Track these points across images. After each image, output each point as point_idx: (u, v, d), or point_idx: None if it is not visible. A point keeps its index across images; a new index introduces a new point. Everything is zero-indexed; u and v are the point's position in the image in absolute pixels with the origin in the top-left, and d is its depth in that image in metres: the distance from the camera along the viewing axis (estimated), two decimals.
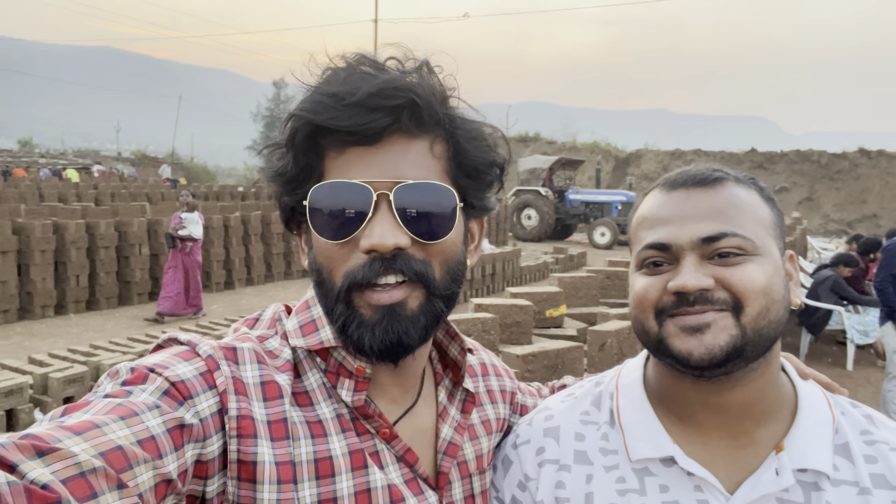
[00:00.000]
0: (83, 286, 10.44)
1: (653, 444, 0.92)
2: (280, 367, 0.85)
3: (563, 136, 41.49)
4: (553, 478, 0.97)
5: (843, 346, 8.53)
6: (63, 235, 10.19)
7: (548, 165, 23.21)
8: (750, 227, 0.89)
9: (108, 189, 19.54)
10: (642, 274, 0.92)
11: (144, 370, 0.75)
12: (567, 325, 4.09)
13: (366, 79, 0.81)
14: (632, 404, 0.97)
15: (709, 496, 0.88)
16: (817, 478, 0.87)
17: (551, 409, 1.05)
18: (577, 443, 0.98)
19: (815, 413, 0.91)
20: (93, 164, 37.92)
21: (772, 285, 0.87)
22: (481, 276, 11.62)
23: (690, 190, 0.92)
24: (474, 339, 3.11)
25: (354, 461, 0.85)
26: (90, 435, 0.63)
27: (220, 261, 12.42)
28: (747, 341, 0.85)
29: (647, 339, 0.92)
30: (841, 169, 32.23)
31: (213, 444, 0.76)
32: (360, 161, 0.82)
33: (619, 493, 0.93)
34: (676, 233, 0.89)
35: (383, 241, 0.80)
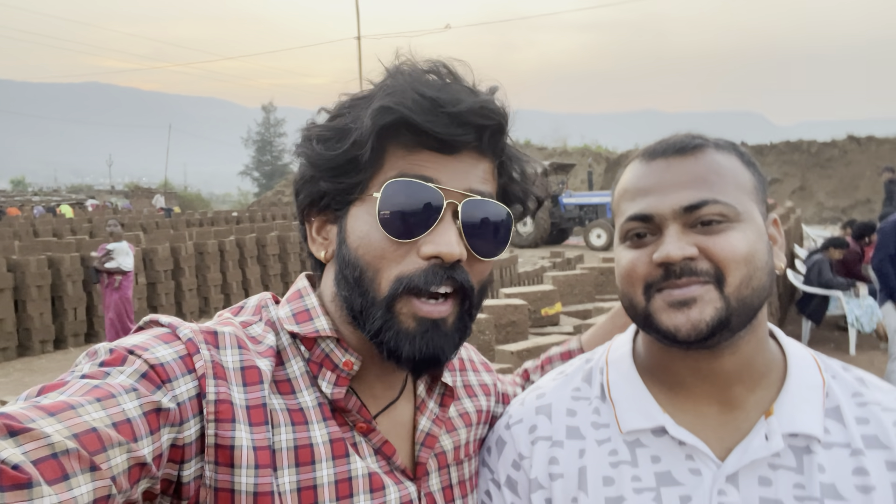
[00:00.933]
0: (81, 319, 10.42)
1: (643, 415, 0.92)
2: (262, 352, 0.85)
3: (553, 141, 41.65)
4: (546, 454, 0.97)
5: (845, 332, 8.52)
6: (59, 269, 10.18)
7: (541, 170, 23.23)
8: (731, 193, 0.88)
9: (102, 222, 19.53)
10: (627, 247, 0.92)
11: (123, 352, 0.74)
12: (563, 322, 4.09)
13: (464, 92, 0.85)
14: (622, 377, 0.97)
15: (700, 464, 0.88)
16: (808, 442, 0.87)
17: (543, 388, 1.05)
18: (569, 418, 0.99)
19: (804, 377, 0.91)
20: (87, 199, 37.96)
21: (754, 252, 0.86)
22: None
23: (670, 159, 0.91)
24: (470, 340, 3.11)
25: (336, 449, 0.85)
26: (64, 416, 0.62)
27: (217, 285, 12.40)
28: (732, 312, 0.85)
29: (634, 314, 0.92)
30: (831, 157, 32.35)
31: (189, 428, 0.75)
32: (433, 165, 0.85)
33: (611, 466, 0.92)
34: (658, 203, 0.88)
35: (451, 250, 0.82)
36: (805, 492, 0.85)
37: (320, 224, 0.93)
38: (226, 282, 12.64)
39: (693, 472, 0.88)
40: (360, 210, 0.86)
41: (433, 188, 0.83)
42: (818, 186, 31.98)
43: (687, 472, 0.88)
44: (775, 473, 0.86)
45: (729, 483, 0.86)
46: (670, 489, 0.88)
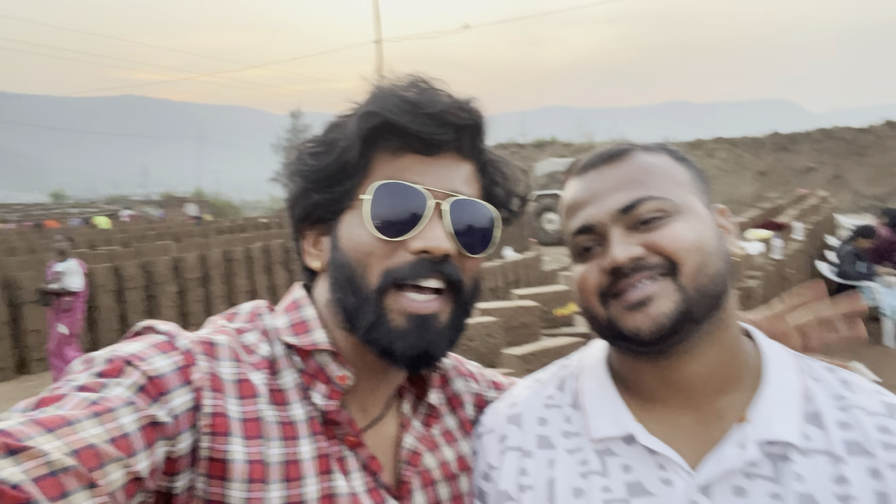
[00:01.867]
0: (115, 328, 10.65)
1: (614, 423, 0.90)
2: (255, 363, 0.86)
3: (580, 137, 41.29)
4: (516, 465, 0.95)
5: (878, 323, 8.27)
6: (92, 279, 10.43)
7: (565, 167, 23.09)
8: (666, 188, 0.89)
9: (136, 232, 20.00)
10: (578, 263, 0.92)
11: (121, 362, 0.74)
12: (577, 322, 4.05)
13: (440, 94, 0.89)
14: (595, 384, 0.96)
15: (672, 474, 0.85)
16: (785, 449, 0.83)
17: (516, 396, 1.04)
18: (540, 427, 0.97)
19: (781, 381, 0.88)
20: (122, 210, 38.89)
21: (702, 239, 0.86)
22: (504, 284, 11.57)
23: (600, 168, 0.92)
24: (478, 344, 3.09)
25: (321, 465, 0.85)
26: (63, 432, 0.63)
27: (245, 292, 12.58)
28: (691, 301, 0.83)
29: (598, 326, 0.91)
30: (868, 143, 31.42)
31: (184, 441, 0.75)
32: (418, 168, 0.88)
33: (581, 476, 0.90)
34: (595, 211, 0.89)
35: (439, 244, 0.85)
36: (781, 502, 0.81)
37: (315, 238, 0.96)
38: (254, 288, 12.82)
39: (665, 483, 0.85)
40: (351, 216, 0.90)
41: (419, 189, 0.87)
42: (854, 174, 31.07)
43: (658, 483, 0.86)
44: (751, 482, 0.83)
45: (702, 494, 0.83)
46: (641, 500, 0.86)
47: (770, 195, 22.36)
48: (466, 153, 0.92)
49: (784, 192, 24.43)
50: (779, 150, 33.19)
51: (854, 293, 5.47)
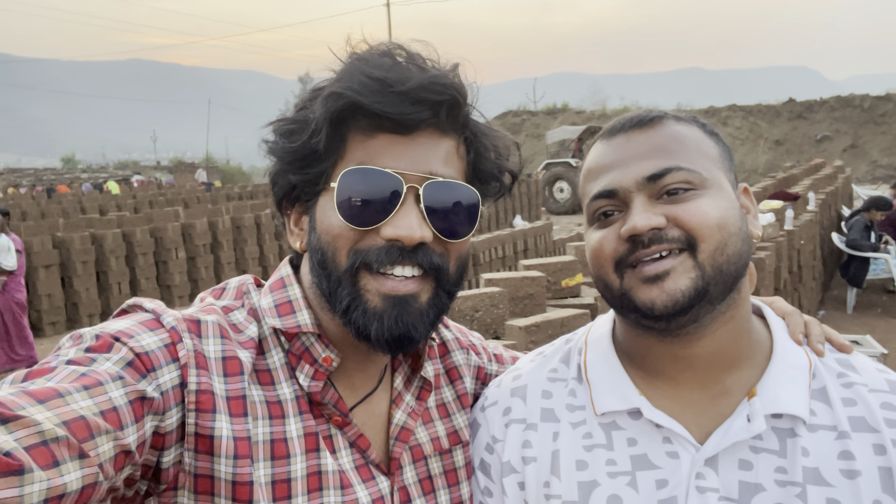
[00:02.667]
0: (125, 293, 10.76)
1: (618, 397, 0.89)
2: (243, 342, 0.85)
3: (592, 104, 40.77)
4: (520, 437, 0.96)
5: (893, 295, 8.20)
6: (102, 245, 10.50)
7: (576, 136, 22.84)
8: (696, 160, 0.86)
9: (145, 198, 20.05)
10: (595, 228, 0.89)
11: (109, 338, 0.75)
12: (584, 293, 4.02)
13: (413, 70, 0.83)
14: (600, 358, 0.95)
15: (678, 447, 0.85)
16: (793, 423, 0.83)
17: (520, 369, 1.03)
18: (545, 401, 0.97)
19: (789, 357, 0.87)
20: (132, 175, 38.98)
21: (726, 218, 0.84)
22: (513, 253, 11.54)
23: (630, 133, 0.89)
24: (482, 314, 3.07)
25: (308, 444, 0.85)
26: (53, 404, 0.63)
27: (254, 258, 12.63)
28: (709, 280, 0.81)
29: (610, 296, 0.89)
30: (886, 112, 30.81)
31: (171, 416, 0.76)
32: (391, 149, 0.83)
33: (585, 449, 0.90)
34: (620, 176, 0.86)
35: (411, 233, 0.81)
36: (787, 476, 0.81)
37: (297, 216, 0.94)
38: (263, 254, 12.87)
39: (671, 456, 0.85)
40: (326, 199, 0.86)
41: (391, 174, 0.82)
42: (871, 143, 30.56)
43: (664, 456, 0.85)
44: (757, 456, 0.82)
45: (708, 466, 0.83)
46: (646, 473, 0.85)
47: (785, 165, 22.06)
48: (447, 129, 0.87)
49: (799, 161, 24.09)
50: (794, 118, 32.63)
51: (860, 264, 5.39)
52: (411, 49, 0.87)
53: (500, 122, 37.34)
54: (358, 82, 0.81)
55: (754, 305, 0.94)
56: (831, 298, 9.05)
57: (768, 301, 0.98)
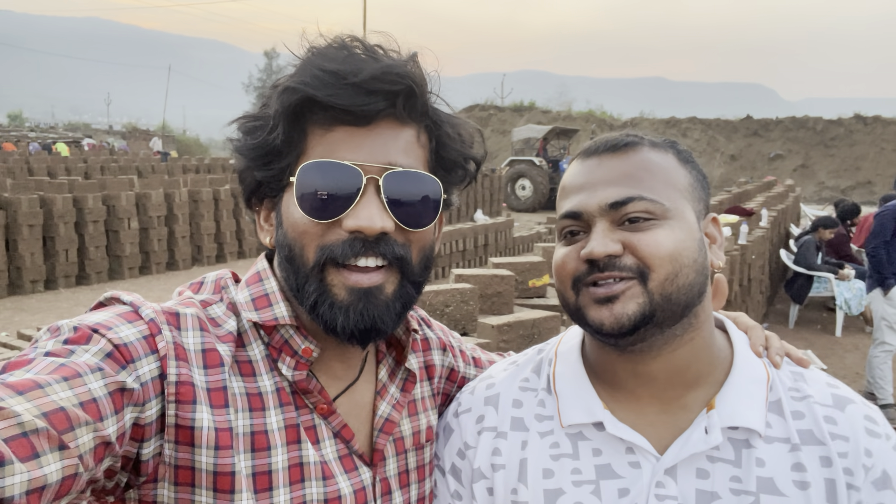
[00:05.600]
0: (72, 261, 10.40)
1: (584, 410, 0.93)
2: (222, 336, 0.85)
3: (559, 105, 41.18)
4: (490, 445, 0.98)
5: (833, 313, 8.57)
6: (51, 210, 10.11)
7: (542, 135, 23.07)
8: (661, 191, 0.88)
9: (97, 163, 19.37)
10: (562, 244, 0.93)
11: (87, 330, 0.74)
12: (550, 294, 4.08)
13: (367, 61, 0.82)
14: (568, 371, 0.98)
15: (640, 458, 0.89)
16: (748, 434, 0.88)
17: (493, 378, 1.06)
18: (515, 410, 0.99)
19: (748, 371, 0.92)
20: (83, 138, 37.54)
21: (680, 250, 0.86)
22: (473, 247, 11.60)
23: (602, 156, 0.91)
24: (453, 310, 3.09)
25: (289, 436, 0.85)
26: (33, 395, 0.62)
27: (210, 234, 12.37)
28: (656, 307, 0.85)
29: (568, 309, 0.93)
30: (836, 136, 32.07)
31: (151, 408, 0.76)
32: (350, 142, 0.83)
33: (552, 458, 0.93)
34: (586, 200, 0.89)
35: (371, 223, 0.81)
36: (741, 485, 0.85)
37: (266, 212, 0.94)
38: (219, 231, 12.60)
39: (633, 466, 0.89)
40: (289, 195, 0.87)
41: (349, 166, 0.82)
42: (820, 165, 31.79)
43: (626, 466, 0.89)
44: (713, 466, 0.87)
45: (667, 476, 0.87)
46: (609, 482, 0.89)
47: (739, 179, 22.74)
48: (405, 118, 0.86)
49: (753, 177, 24.88)
50: (750, 134, 33.66)
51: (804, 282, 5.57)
52: (368, 41, 0.86)
53: (468, 115, 37.00)
54: (311, 76, 0.81)
55: (717, 320, 0.99)
56: (775, 312, 9.41)
57: (732, 316, 1.02)
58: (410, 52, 0.88)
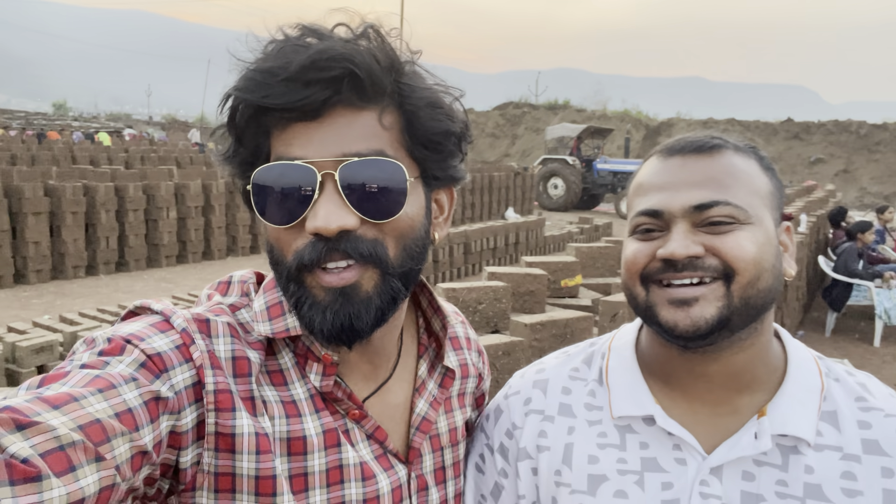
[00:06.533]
0: (113, 248, 10.67)
1: (635, 403, 0.95)
2: (251, 343, 0.84)
3: (594, 104, 40.77)
4: (537, 427, 1.01)
5: (872, 322, 8.36)
6: (93, 198, 10.39)
7: (576, 134, 22.88)
8: (743, 197, 0.88)
9: (137, 153, 19.81)
10: (634, 239, 0.93)
11: (121, 341, 0.75)
12: (582, 295, 4.07)
13: (298, 51, 0.76)
14: (621, 365, 1.00)
15: (686, 455, 0.91)
16: (797, 442, 0.88)
17: (544, 364, 1.09)
18: (564, 396, 1.02)
19: (802, 381, 0.92)
20: (124, 128, 38.43)
21: (762, 255, 0.87)
22: (504, 245, 11.59)
23: (687, 157, 0.91)
24: (485, 307, 3.12)
25: (328, 440, 0.85)
26: (69, 408, 0.63)
27: (245, 225, 12.58)
28: (734, 311, 0.85)
29: (635, 305, 0.93)
30: (881, 140, 31.13)
31: (187, 416, 0.76)
32: (302, 137, 0.78)
33: (598, 447, 0.96)
34: (669, 200, 0.89)
35: (327, 223, 0.77)
36: (787, 489, 0.87)
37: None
38: (254, 222, 12.76)
39: (679, 462, 0.91)
40: None
41: (301, 165, 0.77)
42: (863, 170, 30.90)
43: (672, 461, 0.91)
44: (759, 469, 0.88)
45: (713, 475, 0.89)
46: (654, 475, 0.91)
47: None
48: (359, 103, 0.79)
49: (792, 182, 24.34)
50: (791, 137, 32.89)
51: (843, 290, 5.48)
52: (320, 26, 0.80)
53: (501, 113, 37.28)
54: (245, 78, 0.78)
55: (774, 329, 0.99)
56: (811, 320, 9.22)
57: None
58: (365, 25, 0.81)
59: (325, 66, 0.75)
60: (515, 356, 2.36)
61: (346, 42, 0.78)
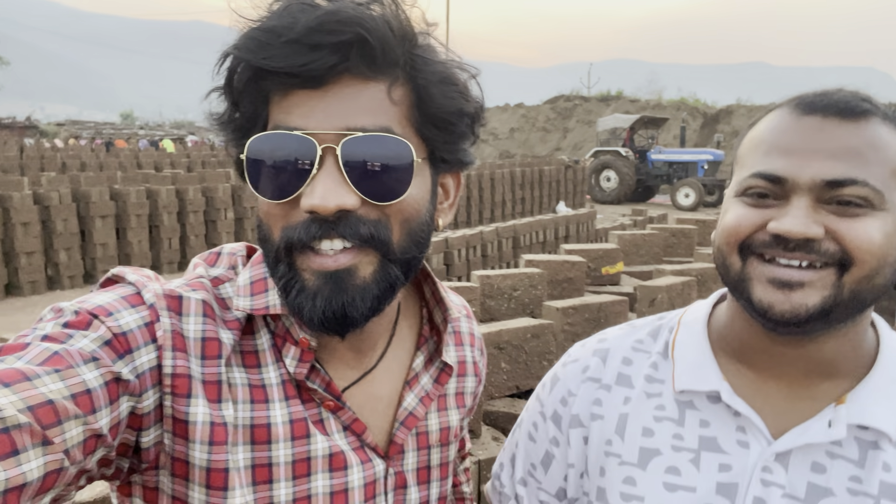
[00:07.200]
0: (175, 248, 11.14)
1: (700, 378, 0.88)
2: (228, 321, 0.79)
3: (648, 93, 39.91)
4: (592, 395, 0.96)
5: None
6: (156, 201, 10.87)
7: (628, 125, 22.45)
8: (884, 177, 0.76)
9: (199, 158, 20.56)
10: (741, 202, 0.81)
11: (88, 315, 0.71)
12: (624, 282, 4.02)
13: (305, 10, 0.69)
14: (690, 339, 0.93)
15: (751, 438, 0.83)
16: (878, 437, 0.80)
17: (607, 334, 1.04)
18: (623, 366, 0.97)
19: (892, 372, 0.83)
20: (187, 135, 39.90)
21: (889, 248, 0.76)
22: (553, 238, 11.50)
23: (828, 119, 0.77)
24: (521, 294, 3.13)
25: (296, 430, 0.80)
26: (20, 387, 0.60)
27: None
28: (839, 303, 0.76)
29: (727, 275, 0.83)
30: None
31: (148, 398, 0.72)
32: (304, 106, 0.72)
33: (654, 419, 0.90)
34: (797, 168, 0.76)
35: (325, 201, 0.70)
36: (861, 486, 0.79)
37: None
38: None
39: (741, 444, 0.84)
40: None
41: (300, 136, 0.71)
42: None
43: (734, 443, 0.84)
44: (832, 462, 0.80)
45: (777, 462, 0.81)
46: (711, 455, 0.85)
47: None
48: (368, 72, 0.72)
49: None
50: None
51: None
52: None
53: (552, 107, 36.90)
54: (246, 37, 0.71)
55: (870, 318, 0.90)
56: (879, 309, 8.78)
57: None
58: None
59: (333, 29, 0.69)
60: (545, 339, 2.36)
61: (359, 5, 0.72)
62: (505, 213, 16.38)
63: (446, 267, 8.62)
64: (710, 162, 21.14)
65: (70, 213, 9.94)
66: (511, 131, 36.03)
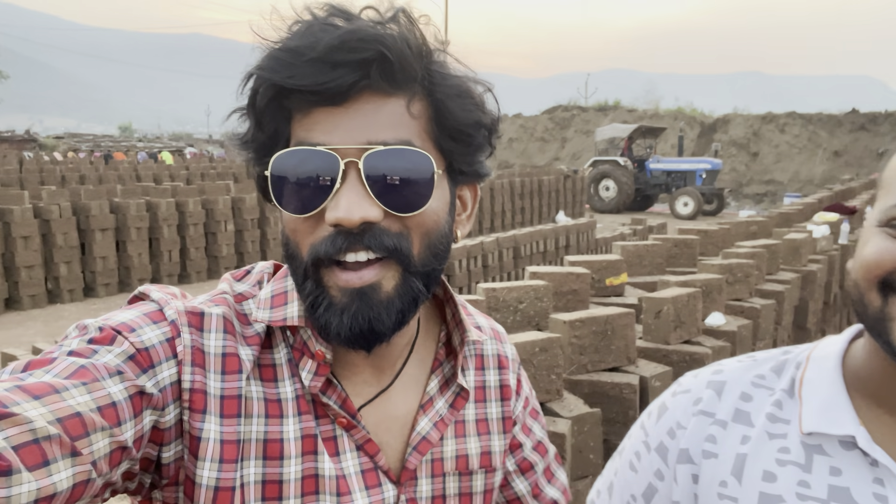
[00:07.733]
0: (175, 261, 11.13)
1: (833, 421, 0.80)
2: (248, 337, 0.81)
3: (645, 103, 40.01)
4: (704, 430, 0.90)
5: None
6: (156, 213, 10.86)
7: (626, 134, 22.53)
8: None
9: (198, 170, 20.57)
10: (885, 233, 0.75)
11: (111, 331, 0.73)
12: (628, 293, 4.01)
13: (327, 30, 0.72)
14: (821, 377, 0.85)
15: (889, 491, 0.76)
16: None
17: (723, 366, 0.96)
18: (742, 402, 0.89)
19: None
20: (186, 147, 39.98)
21: None
22: (554, 248, 11.50)
23: None
24: (526, 306, 3.11)
25: (305, 446, 0.80)
26: (49, 399, 0.62)
27: None
28: None
29: (864, 313, 0.77)
30: None
31: (170, 412, 0.74)
32: (326, 122, 0.74)
33: (777, 463, 0.83)
34: None
35: (350, 214, 0.72)
36: None
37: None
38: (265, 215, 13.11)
39: (878, 498, 0.76)
40: None
41: (323, 151, 0.73)
42: None
43: (870, 496, 0.77)
44: None
45: None
46: None
47: (843, 177, 21.32)
48: (388, 88, 0.75)
49: (859, 175, 23.27)
50: (856, 129, 31.43)
51: None
52: (347, 7, 0.76)
53: (550, 117, 37.02)
54: (270, 58, 0.73)
55: None
56: None
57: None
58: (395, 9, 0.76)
59: (354, 48, 0.71)
60: (553, 352, 2.34)
61: (377, 24, 0.74)
62: (505, 223, 16.40)
63: (447, 277, 8.62)
64: (708, 171, 21.21)
65: (70, 226, 9.94)
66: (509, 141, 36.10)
